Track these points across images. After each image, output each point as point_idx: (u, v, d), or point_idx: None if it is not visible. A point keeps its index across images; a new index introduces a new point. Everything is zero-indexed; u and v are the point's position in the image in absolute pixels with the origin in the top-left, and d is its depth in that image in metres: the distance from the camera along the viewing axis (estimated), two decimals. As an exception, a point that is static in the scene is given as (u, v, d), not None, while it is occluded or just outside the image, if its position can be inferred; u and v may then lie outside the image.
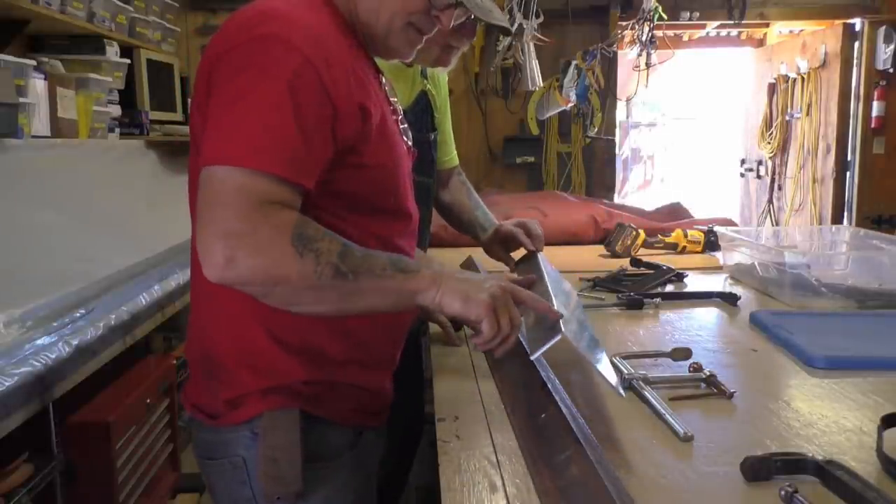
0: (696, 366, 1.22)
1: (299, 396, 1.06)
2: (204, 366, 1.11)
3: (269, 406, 1.05)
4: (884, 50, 4.54)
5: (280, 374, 1.06)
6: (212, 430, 1.10)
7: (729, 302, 1.75)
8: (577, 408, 1.04)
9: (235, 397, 1.07)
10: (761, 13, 4.55)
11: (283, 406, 1.05)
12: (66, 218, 2.27)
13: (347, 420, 1.12)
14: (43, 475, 1.67)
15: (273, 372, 1.06)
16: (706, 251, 2.44)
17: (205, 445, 1.13)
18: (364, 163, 1.04)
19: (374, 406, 1.19)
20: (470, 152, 4.38)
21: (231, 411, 1.07)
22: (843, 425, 1.03)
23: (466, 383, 1.26)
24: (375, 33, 1.09)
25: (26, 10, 2.42)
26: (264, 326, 1.05)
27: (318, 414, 1.08)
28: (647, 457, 0.94)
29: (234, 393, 1.07)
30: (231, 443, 1.08)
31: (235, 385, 1.06)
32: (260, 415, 1.05)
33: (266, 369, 1.06)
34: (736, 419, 1.08)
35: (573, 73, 3.60)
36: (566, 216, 2.78)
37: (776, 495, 0.80)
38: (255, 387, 1.05)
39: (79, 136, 2.66)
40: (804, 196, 5.21)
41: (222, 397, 1.08)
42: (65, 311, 1.83)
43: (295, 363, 1.06)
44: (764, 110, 5.69)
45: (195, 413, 1.13)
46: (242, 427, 1.06)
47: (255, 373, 1.06)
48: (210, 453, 1.12)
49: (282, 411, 1.04)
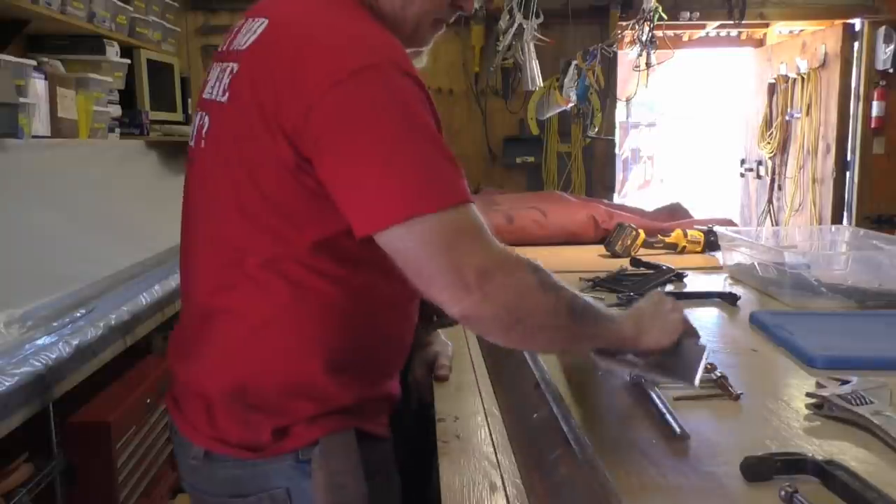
0: (710, 366, 1.21)
1: (350, 415, 1.02)
2: (238, 398, 1.01)
3: (324, 431, 0.99)
4: (884, 50, 4.54)
5: (334, 399, 1.01)
6: (243, 465, 1.01)
7: (729, 302, 1.75)
8: (575, 409, 1.04)
9: (285, 426, 0.99)
10: (761, 13, 4.55)
11: (338, 428, 1.00)
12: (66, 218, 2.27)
13: (385, 432, 1.10)
14: (43, 475, 1.67)
15: (328, 398, 1.00)
16: (706, 251, 2.44)
17: (232, 482, 1.03)
18: None
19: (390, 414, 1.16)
20: (470, 152, 4.38)
21: (277, 441, 1.00)
22: (844, 425, 1.03)
23: (466, 383, 1.26)
24: (402, 30, 1.04)
25: (26, 10, 2.42)
26: (321, 354, 0.99)
27: (368, 430, 1.04)
28: (647, 456, 0.94)
29: (284, 422, 0.99)
30: (270, 475, 1.00)
31: (284, 414, 1.00)
32: (311, 442, 0.99)
33: (321, 397, 1.00)
34: (736, 419, 1.08)
35: (573, 73, 3.60)
36: (566, 216, 2.78)
37: (776, 495, 0.80)
38: (306, 414, 0.99)
39: (79, 136, 2.66)
40: (804, 196, 5.21)
41: (268, 427, 0.99)
42: (65, 311, 1.83)
43: (347, 385, 1.01)
44: (764, 110, 5.69)
45: (221, 449, 1.02)
46: (287, 457, 1.00)
47: (310, 400, 1.00)
48: (239, 490, 1.02)
49: (339, 434, 1.00)
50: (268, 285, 0.98)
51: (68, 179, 2.46)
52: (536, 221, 2.74)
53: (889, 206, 4.62)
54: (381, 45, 0.94)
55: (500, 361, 1.20)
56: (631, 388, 1.16)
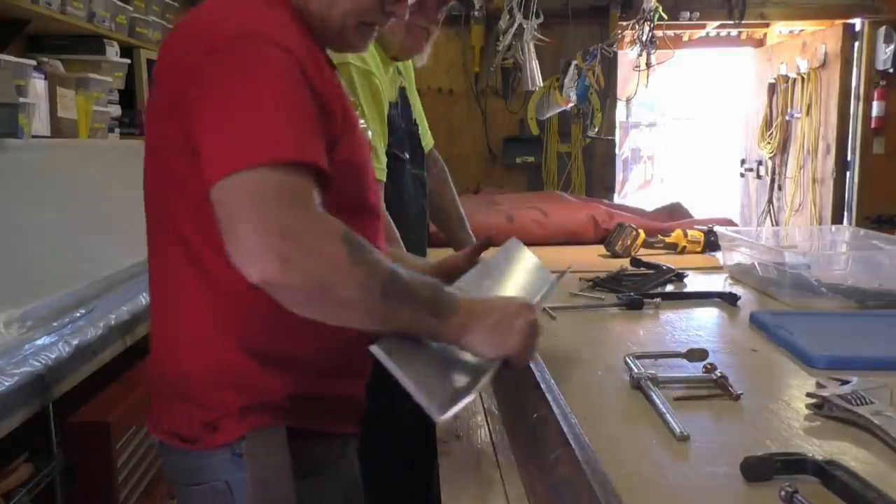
0: (710, 366, 1.21)
1: (283, 412, 1.01)
2: (174, 387, 1.04)
3: (252, 425, 0.99)
4: (884, 50, 4.54)
5: (261, 392, 1.00)
6: (189, 456, 1.03)
7: (729, 302, 1.75)
8: (575, 408, 1.04)
9: (214, 419, 1.00)
10: (761, 13, 4.56)
11: (268, 424, 0.99)
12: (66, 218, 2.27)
13: (331, 430, 1.08)
14: (43, 475, 1.67)
15: (253, 389, 1.00)
16: (706, 251, 2.44)
17: (184, 472, 1.06)
18: (342, 159, 1.00)
19: (354, 415, 1.14)
20: (470, 152, 4.39)
21: (209, 434, 1.01)
22: (844, 425, 1.03)
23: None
24: (329, 30, 1.06)
25: (26, 10, 2.42)
26: (240, 341, 0.99)
27: (303, 426, 1.02)
28: (647, 457, 0.94)
29: (213, 415, 1.00)
30: (211, 467, 1.02)
31: (213, 406, 1.00)
32: (241, 436, 0.99)
33: (246, 387, 1.00)
34: (736, 419, 1.07)
35: (573, 73, 3.60)
36: (566, 216, 2.79)
37: (776, 495, 0.80)
38: (235, 406, 0.99)
39: (79, 136, 2.66)
40: (804, 196, 5.21)
41: (199, 420, 1.01)
42: (65, 311, 1.83)
43: (275, 378, 1.00)
44: (764, 110, 5.69)
45: (168, 439, 1.06)
46: (223, 450, 1.00)
47: (234, 391, 0.99)
48: (190, 479, 1.05)
49: (267, 430, 0.99)
50: (180, 271, 0.98)
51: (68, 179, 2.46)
52: (537, 221, 2.75)
53: (889, 206, 4.62)
54: (256, 19, 0.95)
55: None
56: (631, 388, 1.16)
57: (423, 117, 1.91)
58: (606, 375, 1.25)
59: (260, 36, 0.92)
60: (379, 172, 1.53)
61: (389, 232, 1.50)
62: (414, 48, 1.62)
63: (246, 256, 0.83)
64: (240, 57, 0.91)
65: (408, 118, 1.75)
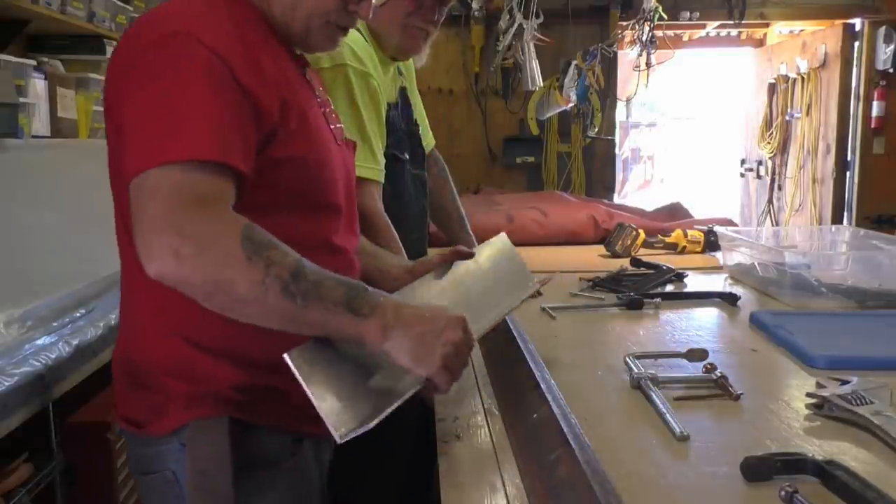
0: (710, 366, 1.21)
1: (229, 403, 1.00)
2: (129, 375, 1.05)
3: (196, 415, 0.99)
4: (884, 50, 4.54)
5: (206, 380, 1.00)
6: (142, 443, 1.04)
7: (729, 302, 1.75)
8: (575, 408, 1.04)
9: (160, 404, 1.01)
10: (761, 13, 4.55)
11: (211, 414, 0.99)
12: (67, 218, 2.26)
13: (285, 426, 1.05)
14: (43, 475, 1.67)
15: (198, 377, 1.00)
16: (706, 251, 2.44)
17: (137, 460, 1.07)
18: (285, 155, 1.00)
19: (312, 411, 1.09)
20: (470, 152, 4.38)
21: (157, 420, 1.01)
22: (844, 425, 1.03)
23: (466, 383, 1.26)
24: (293, 32, 1.07)
25: (26, 10, 2.42)
26: (188, 334, 1.00)
27: (251, 420, 1.01)
28: (647, 457, 0.94)
29: (159, 400, 1.01)
30: (161, 456, 1.02)
31: (160, 391, 1.01)
32: (187, 424, 0.99)
33: (190, 375, 1.00)
34: (736, 419, 1.08)
35: (573, 73, 3.60)
36: (566, 216, 2.79)
37: (776, 495, 0.80)
38: (180, 393, 1.00)
39: (79, 136, 2.66)
40: (804, 196, 5.21)
41: (146, 405, 1.02)
42: (65, 311, 1.83)
43: (221, 367, 1.00)
44: (764, 110, 5.69)
45: (124, 425, 1.06)
46: (171, 438, 1.01)
47: (179, 379, 1.00)
48: (144, 468, 1.06)
49: (210, 420, 0.98)
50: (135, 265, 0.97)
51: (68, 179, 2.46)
52: (537, 221, 2.75)
53: (889, 206, 4.62)
54: (187, 18, 0.97)
55: (500, 362, 1.20)
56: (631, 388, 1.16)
57: (424, 117, 1.90)
58: (606, 375, 1.25)
59: (185, 35, 0.93)
60: (375, 173, 1.52)
61: (387, 234, 1.49)
62: (411, 49, 1.62)
63: (145, 252, 0.85)
64: (163, 56, 0.93)
65: (408, 118, 1.75)
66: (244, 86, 0.94)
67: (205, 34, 0.94)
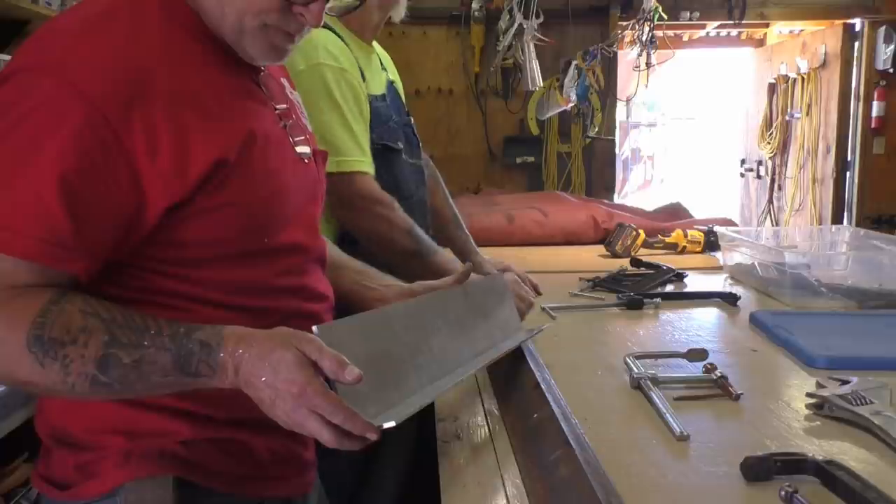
0: (710, 367, 1.21)
1: (175, 459, 0.87)
2: (53, 437, 0.91)
3: (133, 474, 0.85)
4: (884, 50, 4.54)
5: (146, 434, 0.87)
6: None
7: (729, 302, 1.75)
8: (576, 408, 1.04)
9: (89, 462, 0.87)
10: (761, 13, 4.56)
11: (153, 472, 0.86)
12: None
13: (245, 491, 0.92)
14: (43, 475, 1.67)
15: (136, 431, 0.87)
16: (706, 251, 2.44)
17: None
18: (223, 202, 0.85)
19: (277, 471, 0.97)
20: (470, 152, 4.38)
21: (82, 479, 0.87)
22: (844, 425, 1.03)
23: (466, 383, 1.26)
24: (225, 34, 0.89)
25: (26, 10, 2.42)
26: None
27: (201, 483, 0.88)
28: (647, 457, 0.94)
29: (89, 457, 0.87)
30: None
31: (92, 448, 0.87)
32: (122, 486, 0.85)
33: (133, 431, 0.87)
34: (736, 419, 1.07)
35: (573, 73, 3.60)
36: (566, 216, 2.79)
37: (776, 495, 0.80)
38: (115, 449, 0.86)
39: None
40: (804, 196, 5.21)
41: (72, 463, 0.88)
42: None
43: (165, 419, 0.87)
44: (764, 110, 5.70)
45: (42, 487, 0.91)
46: (102, 500, 0.86)
47: (119, 434, 0.87)
48: None
49: (151, 479, 0.85)
50: None
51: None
52: (537, 221, 2.75)
53: (889, 206, 4.63)
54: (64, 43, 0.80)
55: (500, 362, 1.20)
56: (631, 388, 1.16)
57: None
58: (606, 375, 1.25)
59: (44, 71, 0.77)
60: (363, 165, 1.53)
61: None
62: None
63: None
64: (14, 99, 0.77)
65: (398, 109, 1.75)
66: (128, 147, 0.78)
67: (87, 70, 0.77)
